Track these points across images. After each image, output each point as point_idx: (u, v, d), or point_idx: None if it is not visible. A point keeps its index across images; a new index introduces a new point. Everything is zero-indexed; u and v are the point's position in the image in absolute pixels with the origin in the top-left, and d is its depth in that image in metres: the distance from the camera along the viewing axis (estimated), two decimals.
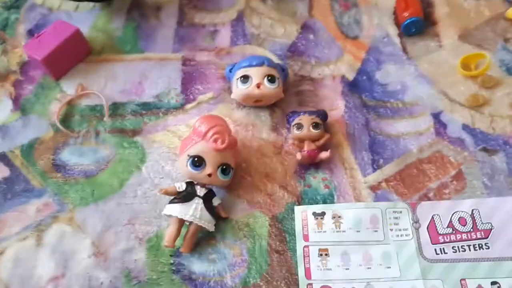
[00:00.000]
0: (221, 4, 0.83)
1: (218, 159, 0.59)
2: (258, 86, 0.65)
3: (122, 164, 0.65)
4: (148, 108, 0.71)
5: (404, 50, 0.74)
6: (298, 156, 0.63)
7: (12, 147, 0.68)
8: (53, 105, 0.72)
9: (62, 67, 0.75)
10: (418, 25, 0.74)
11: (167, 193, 0.59)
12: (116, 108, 0.71)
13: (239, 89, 0.66)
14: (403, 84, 0.70)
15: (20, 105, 0.72)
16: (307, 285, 0.54)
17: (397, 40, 0.75)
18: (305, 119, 0.64)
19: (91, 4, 0.84)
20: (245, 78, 0.66)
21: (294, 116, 0.65)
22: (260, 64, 0.66)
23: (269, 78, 0.66)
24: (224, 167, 0.59)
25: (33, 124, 0.70)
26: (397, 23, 0.77)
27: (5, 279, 0.56)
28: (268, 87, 0.65)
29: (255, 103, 0.68)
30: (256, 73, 0.66)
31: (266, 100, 0.68)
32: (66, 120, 0.70)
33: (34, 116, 0.71)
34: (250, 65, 0.67)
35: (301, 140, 0.64)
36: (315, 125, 0.63)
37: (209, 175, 0.58)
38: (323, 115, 0.65)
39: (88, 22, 0.82)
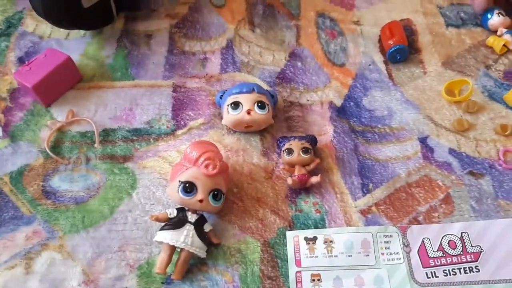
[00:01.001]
0: (211, 33, 0.84)
1: (209, 184, 0.59)
2: (248, 112, 0.66)
3: (112, 190, 0.65)
4: (139, 134, 0.71)
5: (390, 76, 0.76)
6: (289, 181, 0.63)
7: (1, 174, 0.67)
8: (43, 131, 0.72)
9: (52, 94, 0.75)
10: (402, 52, 0.77)
11: (158, 219, 0.59)
12: (106, 135, 0.71)
13: (229, 115, 0.67)
14: (389, 110, 0.72)
15: (9, 132, 0.72)
16: None
17: (382, 67, 0.78)
18: (295, 144, 0.64)
19: (82, 32, 0.85)
20: (236, 105, 0.67)
21: (284, 141, 0.66)
22: (250, 91, 0.68)
23: (259, 104, 0.67)
24: (216, 192, 0.59)
25: (23, 150, 0.70)
26: (382, 50, 0.80)
27: None
28: (258, 113, 0.67)
29: (245, 129, 0.69)
30: (246, 100, 0.67)
31: (257, 126, 0.69)
32: (56, 146, 0.70)
33: (24, 143, 0.71)
34: (241, 92, 0.68)
35: (291, 165, 0.64)
36: (305, 150, 0.64)
37: (201, 201, 0.58)
38: (312, 140, 0.66)
39: (79, 49, 0.83)
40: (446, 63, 0.77)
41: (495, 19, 0.78)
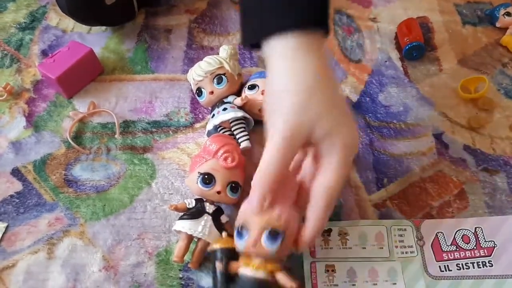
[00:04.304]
0: (229, 28, 0.86)
1: (228, 177, 0.60)
2: (262, 93, 0.68)
3: (132, 180, 0.67)
4: (158, 126, 0.73)
5: (406, 73, 0.77)
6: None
7: (25, 162, 0.69)
8: (65, 122, 0.74)
9: (75, 85, 0.77)
10: (419, 49, 0.77)
11: (177, 209, 0.60)
12: (127, 126, 0.73)
13: (245, 95, 0.69)
14: (405, 106, 0.73)
15: (33, 122, 0.74)
16: None
17: (399, 63, 0.78)
18: None
19: (104, 27, 0.87)
20: (253, 87, 0.70)
21: None
22: None
23: None
24: (233, 185, 0.61)
25: (46, 140, 0.72)
26: (398, 47, 0.80)
27: None
28: None
29: (260, 114, 0.69)
30: (264, 83, 0.69)
31: None
32: (78, 137, 0.72)
33: (47, 132, 0.73)
34: (260, 77, 0.71)
35: None
36: None
37: (219, 192, 0.59)
38: None
39: (101, 43, 0.85)
40: (462, 61, 0.77)
41: (502, 19, 0.79)
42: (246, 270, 0.50)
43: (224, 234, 0.57)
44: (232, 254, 0.52)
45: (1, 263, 0.60)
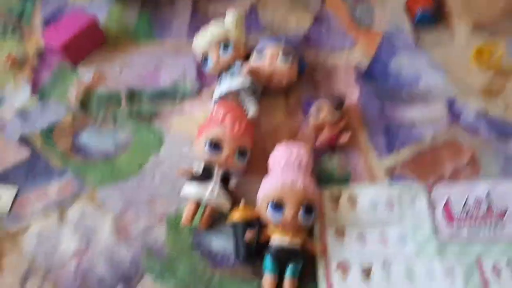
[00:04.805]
0: None
1: (235, 143, 0.60)
2: (271, 60, 0.67)
3: (140, 147, 0.67)
4: (165, 95, 0.72)
5: (417, 40, 0.75)
6: (319, 141, 0.64)
7: (33, 130, 0.69)
8: (71, 90, 0.73)
9: (79, 54, 0.76)
10: (430, 16, 0.75)
11: (185, 174, 0.60)
12: (133, 95, 0.72)
13: (251, 63, 0.68)
14: (416, 73, 0.71)
15: (38, 90, 0.73)
16: (324, 262, 0.55)
17: (409, 30, 0.76)
18: (323, 105, 0.65)
19: None
20: (261, 52, 0.69)
21: (312, 102, 0.66)
22: (278, 41, 0.69)
23: (283, 54, 0.68)
24: (241, 151, 0.60)
25: (52, 108, 0.71)
26: (409, 13, 0.78)
27: (29, 254, 0.58)
28: (280, 63, 0.67)
29: (268, 81, 0.69)
30: (272, 49, 0.68)
31: (278, 76, 0.68)
32: (84, 105, 0.71)
33: (53, 100, 0.72)
34: (267, 43, 0.69)
35: (320, 126, 0.65)
36: (334, 111, 0.64)
37: (226, 158, 0.59)
38: (340, 100, 0.66)
39: (103, 12, 0.83)
40: (476, 26, 0.75)
41: None
42: (283, 240, 0.54)
43: (242, 203, 0.57)
44: (250, 225, 0.55)
45: (15, 227, 0.60)
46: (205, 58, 0.70)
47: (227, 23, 0.70)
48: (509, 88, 0.68)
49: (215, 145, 0.59)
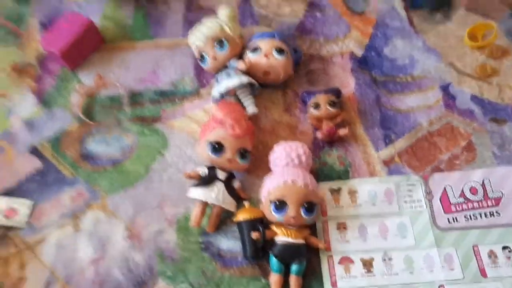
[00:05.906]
0: None
1: (237, 144, 0.61)
2: (266, 56, 0.67)
3: (145, 150, 0.68)
4: (165, 95, 0.73)
5: (411, 23, 0.75)
6: (318, 135, 0.65)
7: (41, 139, 0.70)
8: (73, 96, 0.74)
9: (78, 58, 0.77)
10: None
11: (190, 177, 0.62)
12: (134, 97, 0.73)
13: (247, 59, 0.69)
14: (411, 58, 0.72)
15: (43, 99, 0.75)
16: (327, 257, 0.58)
17: (403, 13, 0.76)
18: (321, 98, 0.66)
19: None
20: (255, 49, 0.69)
21: (310, 96, 0.67)
22: (271, 36, 0.69)
23: (278, 50, 0.68)
24: (242, 151, 0.62)
25: (58, 116, 0.72)
26: None
27: (49, 264, 0.61)
28: (276, 58, 0.68)
29: (264, 78, 0.70)
30: (266, 45, 0.68)
31: (274, 73, 0.69)
32: (87, 111, 0.73)
33: (58, 108, 0.73)
34: (261, 38, 0.70)
35: (319, 119, 0.66)
36: (332, 104, 0.65)
37: (229, 160, 0.61)
38: (337, 92, 0.67)
39: (98, 11, 0.83)
40: (470, 7, 0.75)
41: None
42: (287, 238, 0.56)
43: (246, 204, 0.60)
44: (255, 224, 0.58)
45: (33, 238, 0.63)
46: (202, 56, 0.70)
47: (220, 18, 0.70)
48: (503, 70, 0.68)
49: (217, 148, 0.61)
